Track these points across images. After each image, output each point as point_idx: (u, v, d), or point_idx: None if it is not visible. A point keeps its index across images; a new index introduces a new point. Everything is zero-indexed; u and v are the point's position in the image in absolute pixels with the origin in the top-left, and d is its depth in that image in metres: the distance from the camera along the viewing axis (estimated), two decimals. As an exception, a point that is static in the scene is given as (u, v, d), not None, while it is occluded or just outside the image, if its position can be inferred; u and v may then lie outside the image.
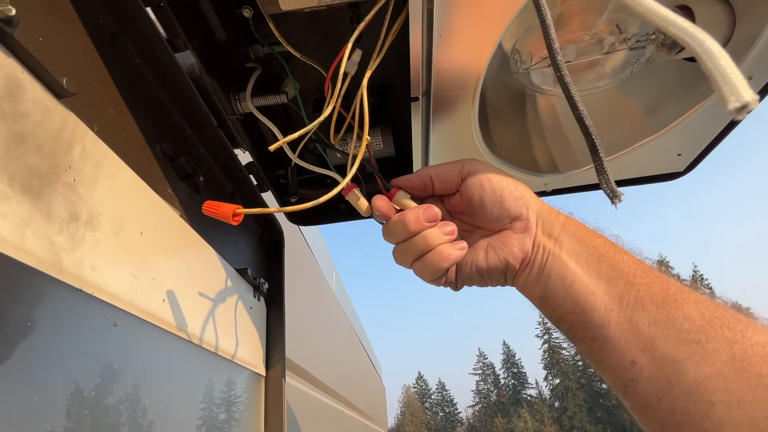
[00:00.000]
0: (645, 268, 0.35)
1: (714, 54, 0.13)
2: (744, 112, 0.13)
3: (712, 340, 0.30)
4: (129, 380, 0.32)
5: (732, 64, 0.14)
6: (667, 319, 0.32)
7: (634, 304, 0.33)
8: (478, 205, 0.40)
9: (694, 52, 0.14)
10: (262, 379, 0.63)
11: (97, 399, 0.28)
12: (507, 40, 0.53)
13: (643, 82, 0.57)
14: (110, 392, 0.30)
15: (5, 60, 0.24)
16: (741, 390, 0.27)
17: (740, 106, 0.13)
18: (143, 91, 0.41)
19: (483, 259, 0.40)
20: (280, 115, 0.59)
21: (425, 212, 0.40)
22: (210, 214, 0.33)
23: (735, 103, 0.13)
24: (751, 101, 0.13)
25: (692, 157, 0.61)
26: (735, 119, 0.12)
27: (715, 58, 0.13)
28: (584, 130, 0.22)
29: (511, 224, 0.39)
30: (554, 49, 0.22)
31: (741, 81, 0.13)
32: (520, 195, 0.39)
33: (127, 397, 0.31)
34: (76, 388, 0.27)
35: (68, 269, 0.26)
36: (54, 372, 0.25)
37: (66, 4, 0.31)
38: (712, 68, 0.13)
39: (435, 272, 0.40)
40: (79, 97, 0.30)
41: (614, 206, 0.28)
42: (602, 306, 0.34)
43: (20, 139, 0.24)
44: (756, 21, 0.44)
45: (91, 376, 0.28)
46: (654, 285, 0.34)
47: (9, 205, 0.23)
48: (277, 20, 0.46)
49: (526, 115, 0.62)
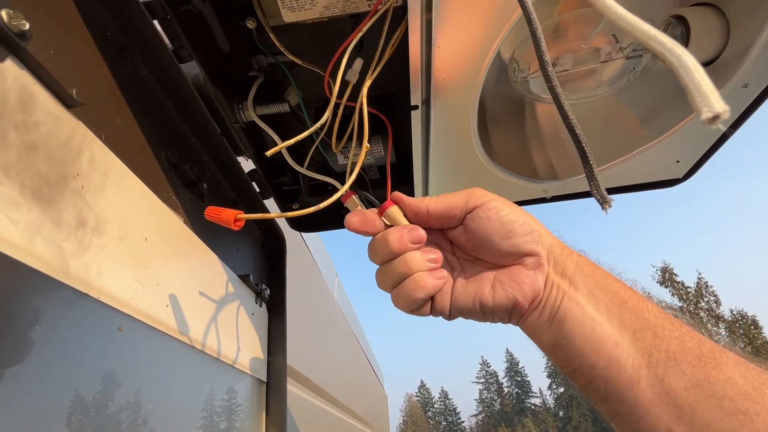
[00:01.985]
0: (672, 319, 0.31)
1: (690, 67, 0.14)
2: (716, 122, 0.14)
3: (762, 411, 0.26)
4: (133, 384, 0.32)
5: (706, 77, 0.14)
6: (707, 383, 0.27)
7: (666, 362, 0.29)
8: (484, 239, 0.36)
9: (671, 66, 0.15)
10: (263, 386, 0.63)
11: (102, 402, 0.29)
12: (505, 50, 0.54)
13: (641, 90, 0.57)
14: (115, 396, 0.30)
15: (18, 72, 0.25)
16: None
17: (712, 116, 0.14)
18: (149, 100, 0.42)
19: (489, 295, 0.36)
20: (283, 124, 0.60)
21: (410, 233, 0.36)
22: (212, 219, 0.33)
23: (708, 113, 0.14)
24: (722, 112, 0.14)
25: (690, 164, 0.61)
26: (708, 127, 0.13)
27: (690, 72, 0.14)
28: (575, 138, 0.23)
29: (522, 260, 0.36)
30: (545, 61, 0.23)
31: (713, 93, 0.14)
32: (531, 229, 0.35)
33: (130, 401, 0.32)
34: (81, 391, 0.27)
35: (75, 274, 0.27)
36: (61, 375, 0.25)
37: (76, 17, 0.32)
38: (687, 81, 0.14)
39: (410, 303, 0.36)
40: (87, 107, 0.31)
41: (604, 212, 0.28)
42: (629, 361, 0.30)
43: (31, 148, 0.25)
44: (750, 31, 0.45)
45: (97, 380, 0.28)
46: (686, 340, 0.30)
47: (20, 212, 0.24)
48: (280, 31, 0.47)
49: (525, 123, 0.63)
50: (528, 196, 0.64)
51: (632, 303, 0.32)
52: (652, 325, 0.31)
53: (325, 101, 0.58)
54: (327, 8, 0.42)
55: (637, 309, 0.32)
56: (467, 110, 0.48)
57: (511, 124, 0.63)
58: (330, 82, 0.44)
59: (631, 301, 0.32)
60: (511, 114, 0.62)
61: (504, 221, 0.35)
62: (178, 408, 0.40)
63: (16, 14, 0.24)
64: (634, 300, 0.33)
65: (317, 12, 0.42)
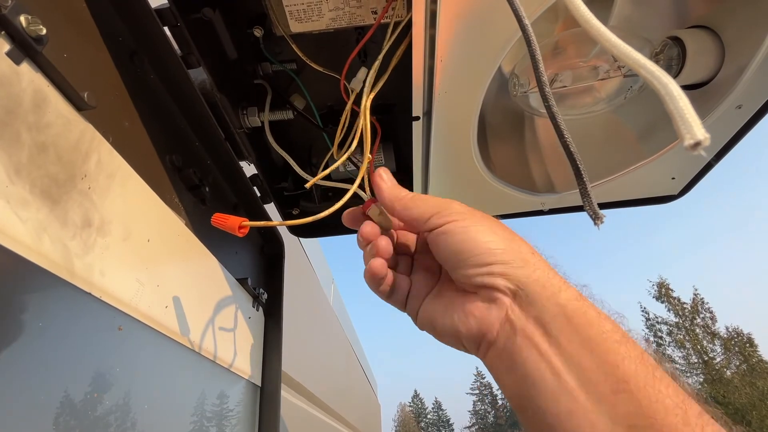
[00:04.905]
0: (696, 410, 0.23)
1: (674, 96, 0.15)
2: (698, 148, 0.15)
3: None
4: (130, 384, 0.33)
5: (689, 106, 0.15)
6: None
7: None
8: (440, 260, 0.33)
9: (658, 93, 0.16)
10: (257, 390, 0.63)
11: (100, 401, 0.29)
12: (506, 64, 0.55)
13: (638, 107, 0.59)
14: (113, 395, 0.30)
15: (33, 75, 0.26)
16: None
17: (694, 143, 0.15)
18: (156, 104, 0.43)
19: (440, 317, 0.32)
20: (283, 131, 0.61)
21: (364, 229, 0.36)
22: (218, 225, 0.34)
23: (690, 140, 0.15)
24: (704, 139, 0.15)
25: (686, 181, 0.62)
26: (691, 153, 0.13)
27: (675, 99, 0.15)
28: (570, 157, 0.23)
29: (478, 290, 0.30)
30: (543, 82, 0.24)
31: (696, 121, 0.15)
32: (494, 261, 0.29)
33: (127, 400, 0.32)
34: (80, 389, 0.27)
35: (79, 273, 0.27)
36: (61, 372, 0.26)
37: (90, 22, 0.33)
38: (672, 108, 0.15)
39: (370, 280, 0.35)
40: (97, 110, 0.32)
41: (597, 227, 0.28)
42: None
43: (42, 149, 0.26)
44: (744, 53, 0.46)
45: (96, 378, 0.29)
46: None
47: (29, 211, 0.24)
48: (285, 39, 0.48)
49: (524, 136, 0.64)
50: (525, 209, 0.64)
51: (638, 382, 0.23)
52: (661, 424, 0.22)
53: (328, 108, 0.59)
54: (333, 20, 0.43)
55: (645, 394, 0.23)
56: (467, 122, 0.49)
57: (510, 137, 0.64)
58: (346, 86, 0.45)
59: (638, 379, 0.23)
60: (510, 127, 0.63)
61: (459, 248, 0.30)
62: (175, 409, 0.40)
63: (34, 19, 0.25)
64: (641, 378, 0.23)
65: (324, 24, 0.43)
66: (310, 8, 0.42)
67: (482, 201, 0.61)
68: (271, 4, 0.42)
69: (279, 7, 0.42)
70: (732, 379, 17.64)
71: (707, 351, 19.20)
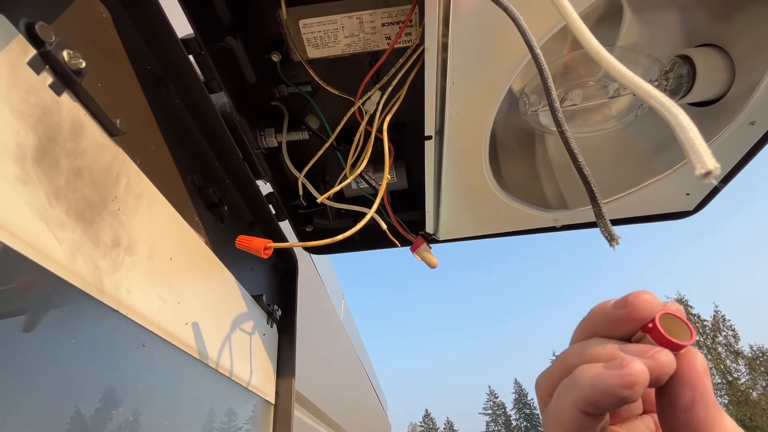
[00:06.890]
0: None
1: (685, 127, 0.16)
2: (709, 177, 0.15)
3: None
4: (153, 400, 0.33)
5: (699, 136, 0.16)
6: None
7: None
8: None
9: (669, 124, 0.16)
10: (271, 407, 0.63)
11: (123, 416, 0.30)
12: (517, 83, 0.56)
13: (650, 123, 0.59)
14: (135, 410, 0.31)
15: (72, 105, 0.28)
16: None
17: (705, 173, 0.15)
18: (179, 127, 0.45)
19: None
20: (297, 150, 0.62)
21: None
22: (243, 248, 0.35)
23: (701, 170, 0.15)
24: (714, 169, 0.15)
25: (701, 197, 0.62)
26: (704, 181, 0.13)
27: (686, 130, 0.15)
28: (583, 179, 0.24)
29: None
30: (555, 108, 0.24)
31: (706, 152, 0.15)
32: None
33: (151, 415, 0.33)
34: (106, 404, 0.28)
35: (108, 291, 0.28)
36: (90, 387, 0.27)
37: (122, 53, 0.35)
38: (683, 139, 0.16)
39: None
40: (126, 135, 0.34)
41: (612, 248, 0.28)
42: None
43: (78, 173, 0.27)
44: (755, 70, 0.47)
45: (120, 393, 0.30)
46: None
47: (65, 232, 0.25)
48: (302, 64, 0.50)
49: (535, 153, 0.65)
50: (538, 225, 0.64)
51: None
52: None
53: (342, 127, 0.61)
54: (349, 46, 0.45)
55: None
56: (479, 141, 0.50)
57: (521, 154, 0.64)
58: (361, 109, 0.47)
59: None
60: (521, 144, 0.64)
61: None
62: (193, 426, 0.41)
63: (75, 54, 0.27)
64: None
65: (339, 49, 0.45)
66: (326, 35, 0.44)
67: (495, 218, 0.61)
68: (289, 32, 0.44)
69: (297, 35, 0.44)
70: (759, 401, 16.84)
71: (731, 371, 18.43)
